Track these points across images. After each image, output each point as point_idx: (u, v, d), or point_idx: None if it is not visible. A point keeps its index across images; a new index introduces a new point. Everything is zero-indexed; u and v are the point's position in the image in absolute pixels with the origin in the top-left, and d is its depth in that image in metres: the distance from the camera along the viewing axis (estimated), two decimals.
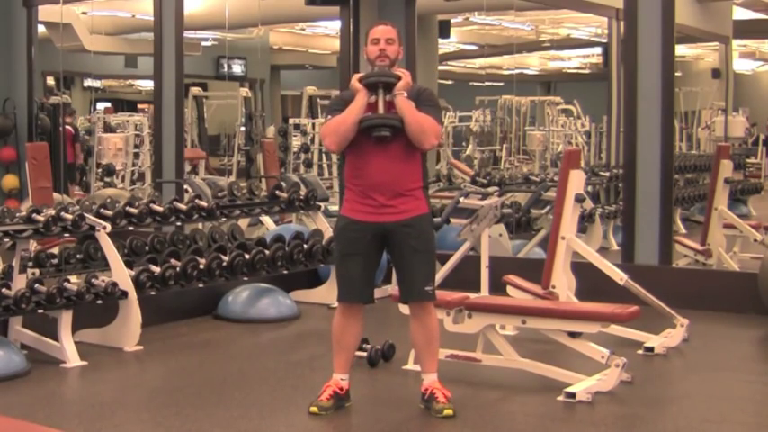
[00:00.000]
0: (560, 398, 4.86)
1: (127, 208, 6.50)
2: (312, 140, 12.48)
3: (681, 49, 10.23)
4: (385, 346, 5.61)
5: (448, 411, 4.57)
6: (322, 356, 5.51)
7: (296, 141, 12.52)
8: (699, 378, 5.55)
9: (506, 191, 8.92)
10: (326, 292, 7.34)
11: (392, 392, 5.15)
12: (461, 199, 6.85)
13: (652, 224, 7.44)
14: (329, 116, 4.67)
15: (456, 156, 11.95)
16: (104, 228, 6.08)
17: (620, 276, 6.00)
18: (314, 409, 4.63)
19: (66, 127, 10.50)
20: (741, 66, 12.26)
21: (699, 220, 9.29)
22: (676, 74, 7.80)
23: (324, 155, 12.50)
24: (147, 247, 6.73)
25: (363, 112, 4.56)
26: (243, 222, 8.10)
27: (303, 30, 13.91)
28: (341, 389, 4.69)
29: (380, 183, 4.57)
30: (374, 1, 8.90)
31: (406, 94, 4.56)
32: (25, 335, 5.73)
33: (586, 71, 13.72)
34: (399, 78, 4.56)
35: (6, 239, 5.62)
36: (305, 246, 7.29)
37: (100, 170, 11.14)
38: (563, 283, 6.02)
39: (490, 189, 7.58)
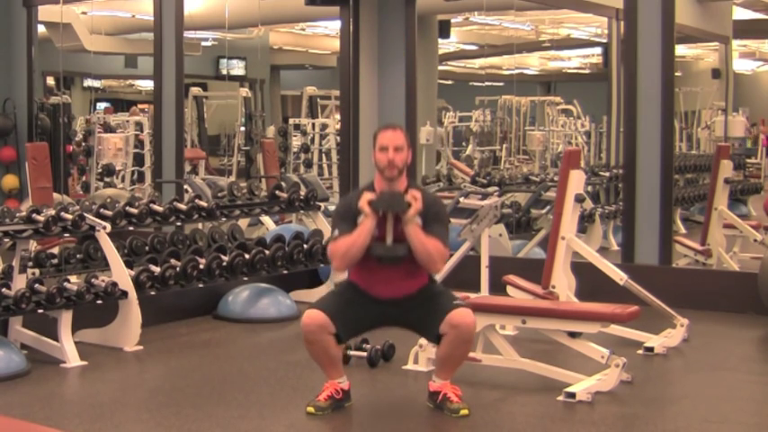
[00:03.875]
0: (560, 398, 4.87)
1: (127, 208, 6.50)
2: (312, 140, 12.48)
3: (681, 49, 10.23)
4: (385, 346, 5.61)
5: (464, 411, 4.60)
6: None
7: (296, 141, 12.51)
8: (699, 378, 5.55)
9: (506, 191, 8.92)
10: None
11: (392, 392, 5.15)
12: (461, 199, 6.85)
13: (652, 224, 7.45)
14: (336, 231, 4.62)
15: (456, 156, 11.94)
16: (104, 228, 6.08)
17: (620, 276, 6.00)
18: (310, 409, 4.64)
19: None
20: (741, 66, 12.24)
21: (699, 220, 9.29)
22: (676, 74, 7.80)
23: (324, 155, 12.50)
24: (147, 247, 6.73)
25: (371, 234, 4.54)
26: (243, 222, 8.09)
27: (303, 30, 13.89)
28: (340, 391, 4.69)
29: (385, 291, 4.63)
30: (374, 1, 8.90)
31: (417, 220, 4.53)
32: (25, 335, 5.73)
33: (586, 71, 13.70)
34: (409, 205, 4.51)
35: (6, 239, 5.62)
36: (305, 246, 7.29)
37: (100, 170, 11.14)
38: (563, 283, 6.02)
39: (490, 189, 7.58)
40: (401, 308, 4.64)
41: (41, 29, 10.35)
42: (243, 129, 11.68)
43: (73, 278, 6.22)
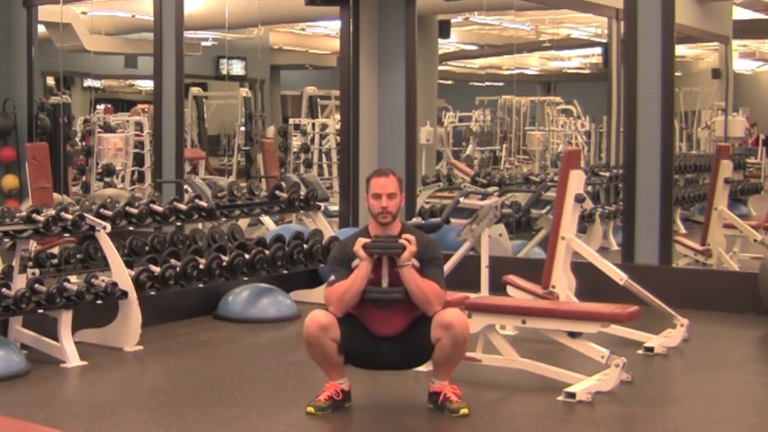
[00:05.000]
0: (560, 398, 4.87)
1: (127, 208, 6.50)
2: (312, 140, 12.48)
3: (681, 49, 10.23)
4: None
5: (464, 411, 4.61)
6: None
7: (296, 141, 12.51)
8: (699, 378, 5.56)
9: (506, 191, 8.92)
10: None
11: (392, 392, 5.15)
12: (461, 199, 6.84)
13: (652, 224, 7.45)
14: (333, 276, 4.65)
15: (456, 156, 11.94)
16: (104, 228, 6.08)
17: (620, 276, 6.00)
18: (310, 409, 4.65)
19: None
20: (741, 66, 12.24)
21: (699, 220, 9.29)
22: (676, 74, 7.80)
23: (324, 155, 12.50)
24: (147, 247, 6.73)
25: (367, 279, 4.56)
26: (243, 222, 8.09)
27: (303, 30, 13.90)
28: (340, 392, 4.69)
29: (384, 329, 4.65)
30: (374, 1, 8.90)
31: (413, 262, 4.55)
32: (25, 335, 5.73)
33: (586, 71, 13.70)
34: (404, 248, 4.52)
35: (6, 239, 5.62)
36: (305, 246, 7.29)
37: (100, 170, 11.14)
38: (563, 283, 6.02)
39: (490, 189, 7.57)
40: (398, 340, 4.66)
41: (41, 29, 10.35)
42: (243, 129, 11.68)
43: (73, 278, 6.23)
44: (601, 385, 4.96)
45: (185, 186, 8.90)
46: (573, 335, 5.16)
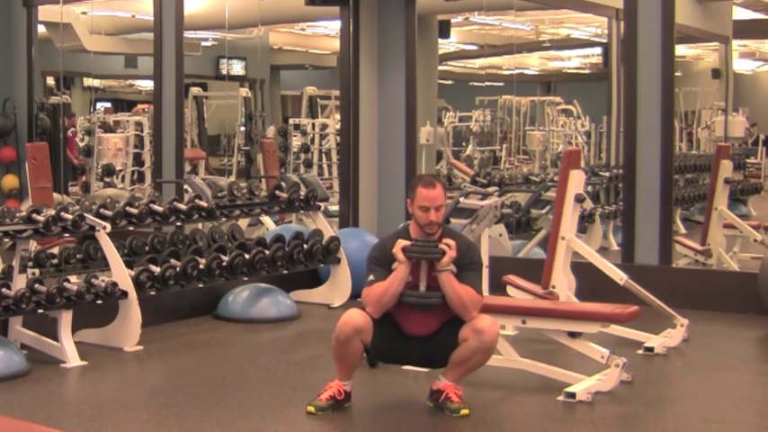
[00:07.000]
0: (560, 398, 4.87)
1: (127, 208, 6.50)
2: (312, 140, 12.48)
3: (681, 49, 10.22)
4: None
5: (464, 411, 4.61)
6: (322, 356, 5.51)
7: (296, 141, 12.51)
8: (699, 378, 5.56)
9: (506, 191, 8.92)
10: (326, 292, 7.35)
11: (392, 392, 5.15)
12: (461, 199, 6.84)
13: (652, 224, 7.45)
14: (371, 276, 4.64)
15: (456, 156, 11.94)
16: (104, 228, 6.08)
17: (620, 276, 6.00)
18: (311, 408, 4.65)
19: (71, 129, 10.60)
20: (741, 66, 12.23)
21: (699, 220, 9.29)
22: (676, 74, 7.80)
23: (324, 155, 12.50)
24: (147, 247, 6.73)
25: (405, 282, 4.56)
26: (243, 222, 8.09)
27: (303, 30, 13.90)
28: (342, 392, 4.69)
29: (418, 330, 4.66)
30: (374, 1, 8.90)
31: (451, 267, 4.54)
32: (25, 335, 5.73)
33: (586, 71, 13.70)
34: (443, 254, 4.52)
35: (6, 239, 5.62)
36: (305, 246, 7.29)
37: (100, 170, 11.14)
38: (563, 283, 6.02)
39: (490, 189, 7.57)
40: (428, 340, 4.68)
41: (41, 29, 10.35)
42: (243, 129, 11.69)
43: (73, 278, 6.22)
44: (601, 385, 4.96)
45: (185, 186, 8.89)
46: (573, 335, 5.16)
